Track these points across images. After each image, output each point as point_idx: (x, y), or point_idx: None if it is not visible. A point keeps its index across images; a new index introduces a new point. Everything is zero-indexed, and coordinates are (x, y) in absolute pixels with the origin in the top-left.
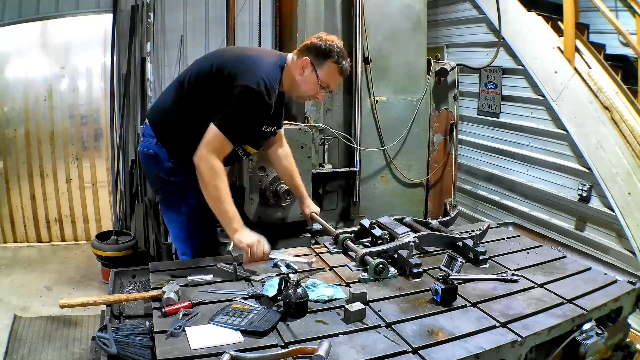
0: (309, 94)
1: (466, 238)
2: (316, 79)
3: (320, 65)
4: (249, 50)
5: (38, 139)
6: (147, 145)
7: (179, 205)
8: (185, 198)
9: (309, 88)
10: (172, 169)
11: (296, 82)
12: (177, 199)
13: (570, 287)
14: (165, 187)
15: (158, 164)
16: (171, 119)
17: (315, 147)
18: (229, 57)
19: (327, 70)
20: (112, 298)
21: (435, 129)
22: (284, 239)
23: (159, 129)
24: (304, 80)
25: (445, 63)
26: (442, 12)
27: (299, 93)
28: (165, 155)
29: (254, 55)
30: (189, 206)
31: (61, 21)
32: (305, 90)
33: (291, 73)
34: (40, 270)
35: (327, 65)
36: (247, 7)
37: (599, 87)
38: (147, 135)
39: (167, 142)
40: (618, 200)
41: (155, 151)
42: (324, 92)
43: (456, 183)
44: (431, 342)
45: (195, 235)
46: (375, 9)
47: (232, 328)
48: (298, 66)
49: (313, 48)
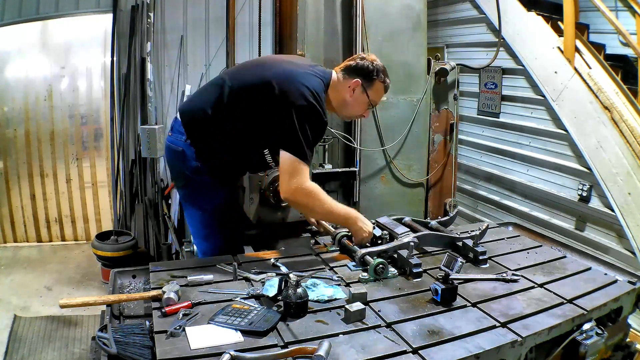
0: (358, 113)
1: (466, 238)
2: (367, 99)
3: (370, 86)
4: (292, 65)
5: (38, 139)
6: (175, 142)
7: (203, 203)
8: (210, 197)
9: (359, 108)
10: (199, 169)
11: (345, 102)
12: (201, 197)
13: (570, 287)
14: (190, 185)
15: (184, 162)
16: (207, 122)
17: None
18: (275, 71)
19: (376, 89)
20: (112, 298)
21: (435, 129)
22: (284, 239)
23: (192, 128)
24: (354, 101)
25: (445, 63)
26: (442, 12)
27: (347, 113)
28: (192, 154)
29: (300, 72)
30: (213, 205)
31: (61, 21)
32: (355, 110)
33: (339, 93)
34: (40, 270)
35: (376, 85)
36: (247, 7)
37: (599, 87)
38: (177, 132)
39: (198, 142)
40: (618, 200)
41: (182, 148)
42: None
43: (456, 183)
44: (431, 342)
45: (216, 234)
46: (375, 9)
47: (232, 328)
48: (347, 87)
49: (362, 70)
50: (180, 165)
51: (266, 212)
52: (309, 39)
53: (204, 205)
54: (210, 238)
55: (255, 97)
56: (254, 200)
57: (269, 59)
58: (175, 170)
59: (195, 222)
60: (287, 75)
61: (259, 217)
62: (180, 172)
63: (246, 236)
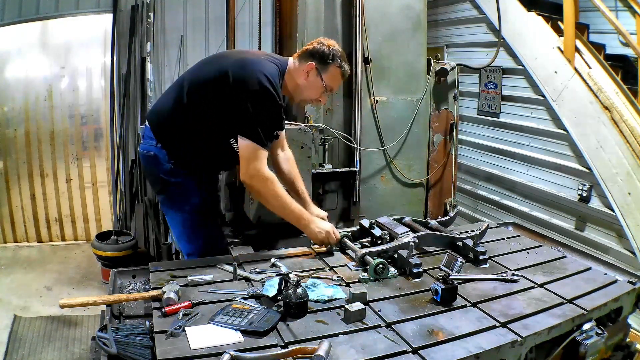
0: (313, 97)
1: (466, 238)
2: (321, 83)
3: (325, 70)
4: (248, 54)
5: (38, 139)
6: (147, 147)
7: (181, 204)
8: (187, 197)
9: (314, 92)
10: (172, 170)
11: (300, 86)
12: (179, 198)
13: (570, 287)
14: (167, 188)
15: (158, 166)
16: (171, 122)
17: (315, 147)
18: (231, 61)
19: (331, 74)
20: (112, 298)
21: (435, 129)
22: (284, 239)
23: (159, 131)
24: (309, 84)
25: (445, 63)
26: (442, 12)
27: (302, 97)
28: (165, 156)
29: (255, 59)
30: (191, 205)
31: (61, 21)
32: (310, 94)
33: (294, 78)
34: (40, 270)
35: (331, 70)
36: (247, 7)
37: (599, 87)
38: (147, 137)
39: (167, 144)
40: (618, 200)
41: (155, 153)
42: (327, 96)
43: (456, 183)
44: (431, 342)
45: (199, 233)
46: (375, 9)
47: (232, 328)
48: (302, 71)
49: (317, 53)
50: (154, 169)
51: (266, 212)
52: (309, 39)
53: (183, 206)
54: (192, 239)
55: (212, 89)
56: (254, 200)
57: (225, 53)
58: (151, 176)
59: (177, 224)
60: (241, 63)
61: (259, 217)
62: (155, 176)
63: (246, 236)
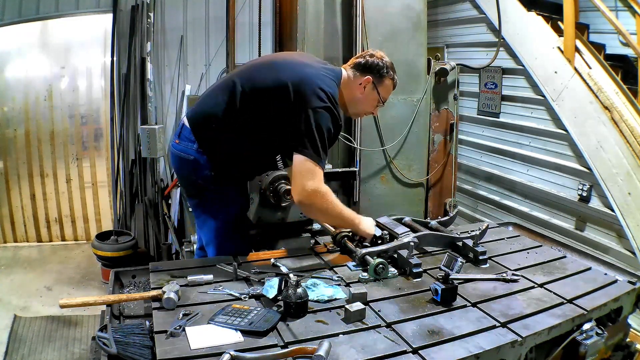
0: (368, 110)
1: (466, 238)
2: (378, 96)
3: (380, 83)
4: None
5: (38, 139)
6: (185, 150)
7: (217, 212)
8: (224, 206)
9: (370, 105)
10: (213, 178)
11: (356, 100)
12: (215, 206)
13: (570, 287)
14: (204, 194)
15: (197, 171)
16: (219, 127)
17: None
18: (289, 73)
19: (386, 86)
20: (112, 298)
21: (435, 129)
22: (284, 239)
23: (203, 135)
24: (365, 98)
25: (445, 63)
26: (442, 12)
27: (357, 110)
28: (206, 162)
29: (314, 73)
30: (227, 215)
31: (61, 21)
32: (365, 108)
33: (350, 91)
34: (40, 270)
35: (386, 82)
36: (247, 7)
37: (599, 87)
38: (186, 139)
39: (211, 150)
40: (618, 200)
41: (195, 157)
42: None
43: (456, 183)
44: (431, 342)
45: (229, 243)
46: (375, 9)
47: (232, 328)
48: (357, 85)
49: (374, 67)
50: (192, 174)
51: (266, 212)
52: (309, 39)
53: (218, 214)
54: (222, 247)
55: (269, 100)
56: (254, 200)
57: (281, 58)
58: (186, 179)
59: (209, 231)
60: (302, 77)
61: (259, 217)
62: (192, 181)
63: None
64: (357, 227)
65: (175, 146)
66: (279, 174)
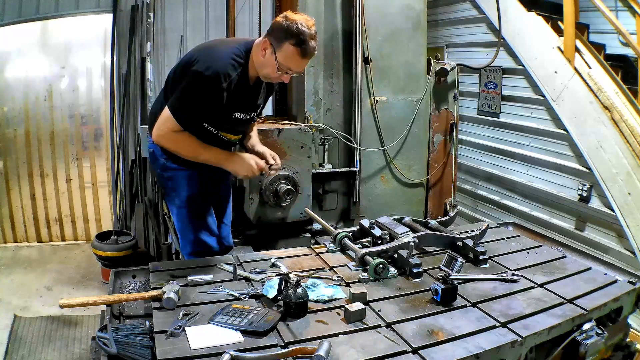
0: (271, 76)
1: (466, 238)
2: (275, 61)
3: (279, 48)
4: (215, 41)
5: (38, 139)
6: (148, 145)
7: (174, 198)
8: (176, 191)
9: (270, 70)
10: (164, 165)
11: (259, 63)
12: (171, 193)
13: (570, 287)
14: (162, 183)
15: (155, 162)
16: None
17: (315, 147)
18: (195, 50)
19: (286, 52)
20: (112, 298)
21: (435, 129)
22: (284, 239)
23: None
24: (265, 62)
25: (445, 63)
26: (442, 12)
27: (262, 73)
28: (159, 151)
29: (215, 45)
30: (181, 198)
31: (61, 21)
32: (267, 72)
33: (254, 54)
34: (40, 270)
35: (285, 48)
36: (247, 7)
37: (599, 87)
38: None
39: None
40: (618, 200)
41: (152, 149)
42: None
43: (456, 183)
44: (431, 342)
45: (190, 226)
46: (375, 9)
47: (232, 328)
48: (260, 48)
49: (275, 29)
50: (154, 166)
51: (266, 212)
52: None
53: (175, 199)
54: (184, 233)
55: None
56: (254, 200)
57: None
58: (153, 173)
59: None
60: (199, 51)
61: (259, 217)
62: (156, 173)
63: (246, 236)
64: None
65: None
66: (279, 174)
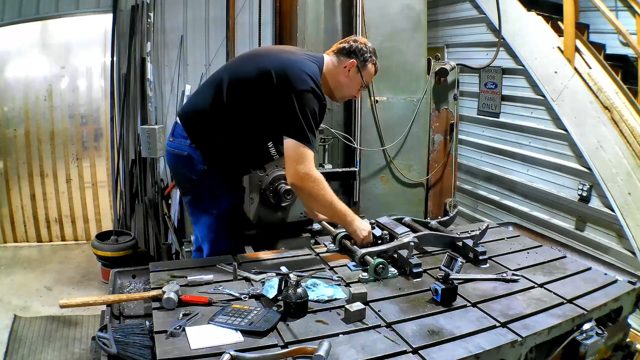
0: (353, 94)
1: (466, 238)
2: (361, 80)
3: (364, 67)
4: (288, 53)
5: (38, 139)
6: (179, 147)
7: (210, 208)
8: (217, 201)
9: (354, 89)
10: (206, 172)
11: (341, 83)
12: (208, 201)
13: (570, 287)
14: (197, 189)
15: (190, 166)
16: (208, 121)
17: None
18: (272, 60)
19: (369, 70)
20: (112, 298)
21: (435, 129)
22: (284, 239)
23: (194, 130)
24: (350, 81)
25: (445, 63)
26: (442, 12)
27: (342, 94)
28: (199, 157)
29: (297, 59)
30: (220, 209)
31: (61, 21)
32: (350, 91)
33: (333, 75)
34: (40, 270)
35: (368, 67)
36: (247, 7)
37: (599, 87)
38: (179, 136)
39: (203, 144)
40: (618, 200)
41: (188, 153)
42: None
43: (456, 183)
44: (431, 342)
45: (224, 238)
46: (375, 9)
47: (232, 328)
48: (342, 68)
49: (358, 51)
50: (186, 170)
51: (266, 212)
52: (309, 39)
53: (212, 209)
54: (217, 244)
55: (254, 89)
56: (254, 200)
57: (264, 50)
58: (180, 176)
59: (203, 227)
60: (284, 63)
61: (259, 217)
62: (186, 177)
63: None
64: (350, 223)
65: (169, 144)
66: (279, 174)
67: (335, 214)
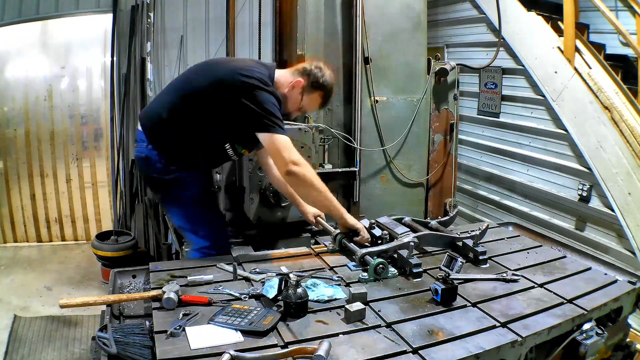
0: (290, 111)
1: (466, 238)
2: (299, 102)
3: (309, 93)
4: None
5: (38, 139)
6: (140, 150)
7: (179, 199)
8: (186, 190)
9: (290, 106)
10: (164, 168)
11: (284, 96)
12: (174, 195)
13: (570, 287)
14: (162, 186)
15: (149, 166)
16: (166, 127)
17: (315, 147)
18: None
19: (312, 99)
20: (112, 298)
21: (435, 129)
22: (284, 239)
23: (151, 133)
24: (289, 97)
25: (445, 63)
26: (442, 12)
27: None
28: (156, 156)
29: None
30: (187, 198)
31: (61, 21)
32: (288, 107)
33: (279, 86)
34: (40, 270)
35: (315, 96)
36: (247, 7)
37: (599, 87)
38: (139, 140)
39: (159, 144)
40: (618, 200)
41: (146, 154)
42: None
43: (456, 183)
44: (431, 342)
45: (203, 224)
46: (375, 9)
47: (232, 328)
48: (289, 83)
49: (312, 76)
50: (148, 170)
51: (266, 212)
52: (309, 39)
53: (181, 200)
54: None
55: (207, 100)
56: (254, 200)
57: (214, 62)
58: (146, 177)
59: (182, 220)
60: (233, 71)
61: (259, 217)
62: (149, 177)
63: (246, 236)
64: (343, 215)
65: (135, 151)
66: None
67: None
